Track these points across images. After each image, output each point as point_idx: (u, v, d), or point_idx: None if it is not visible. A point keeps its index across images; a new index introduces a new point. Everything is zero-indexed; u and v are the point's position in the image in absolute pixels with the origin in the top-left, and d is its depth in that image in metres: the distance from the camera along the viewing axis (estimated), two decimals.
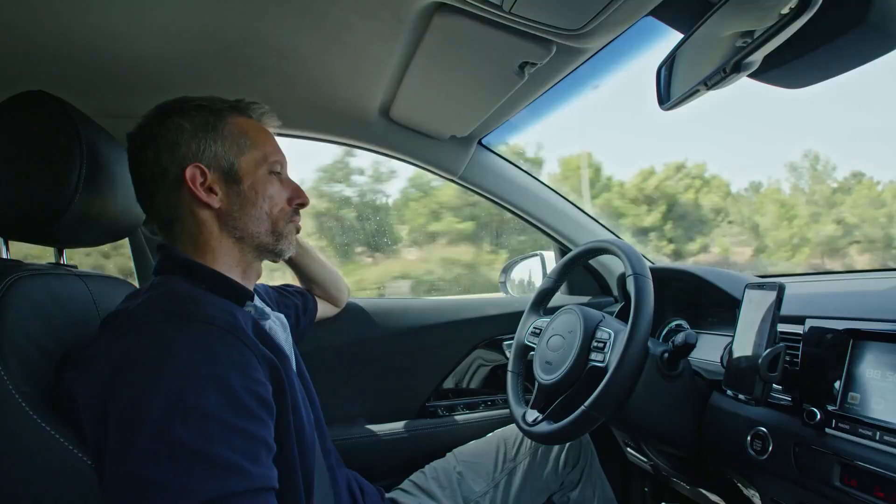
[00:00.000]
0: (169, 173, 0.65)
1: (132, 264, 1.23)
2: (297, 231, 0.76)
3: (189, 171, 0.64)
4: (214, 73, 0.96)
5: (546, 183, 1.37)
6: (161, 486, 0.46)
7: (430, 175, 1.31)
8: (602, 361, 0.82)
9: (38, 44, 0.81)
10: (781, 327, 0.75)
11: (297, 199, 0.74)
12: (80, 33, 0.79)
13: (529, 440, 1.06)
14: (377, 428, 1.20)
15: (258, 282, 0.89)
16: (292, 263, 1.04)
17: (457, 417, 1.27)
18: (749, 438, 0.75)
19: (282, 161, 0.73)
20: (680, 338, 0.80)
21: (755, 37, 0.55)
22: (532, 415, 0.91)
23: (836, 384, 0.67)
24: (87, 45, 0.82)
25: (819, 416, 0.65)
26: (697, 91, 0.65)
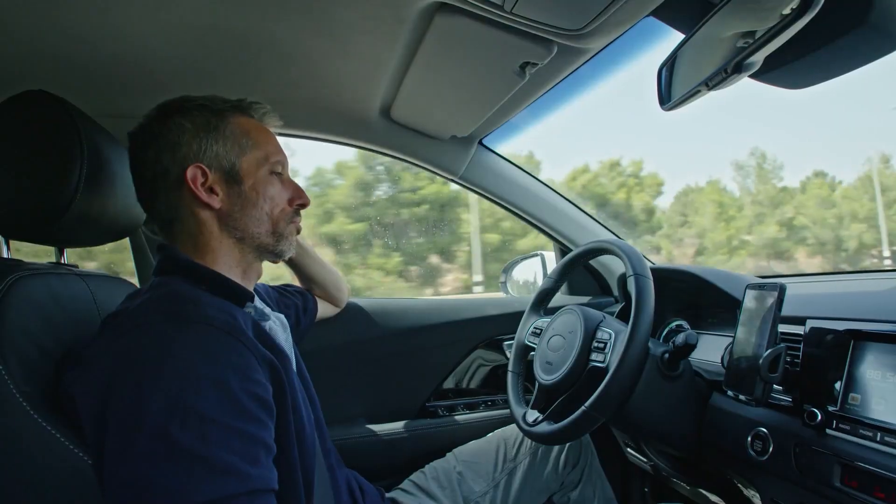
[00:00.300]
0: (170, 173, 0.65)
1: (132, 264, 1.23)
2: (298, 232, 0.75)
3: (190, 172, 0.64)
4: (215, 72, 0.96)
5: (547, 183, 1.37)
6: (159, 487, 0.46)
7: (331, 174, 1.32)
8: (602, 362, 0.82)
9: (38, 44, 0.81)
10: (782, 328, 0.74)
11: (297, 199, 0.73)
12: (81, 33, 0.79)
13: (530, 440, 1.06)
14: (377, 428, 1.20)
15: (258, 281, 0.89)
16: (292, 263, 1.04)
17: (457, 417, 1.27)
18: (749, 439, 0.75)
19: (283, 161, 0.72)
20: (680, 338, 0.80)
21: (756, 37, 0.55)
22: (532, 415, 0.91)
23: (837, 385, 0.67)
24: (88, 44, 0.82)
25: (820, 417, 0.65)
26: (699, 91, 0.65)
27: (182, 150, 0.65)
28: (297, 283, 1.10)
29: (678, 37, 0.71)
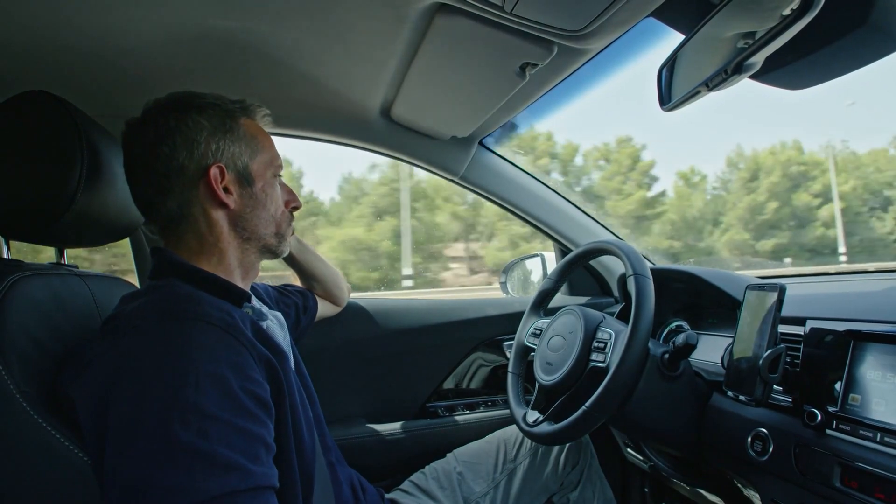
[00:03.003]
0: (186, 171, 0.64)
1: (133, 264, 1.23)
2: (292, 232, 0.77)
3: (213, 171, 0.64)
4: (215, 72, 0.96)
5: (547, 183, 1.37)
6: (161, 486, 0.46)
7: None
8: (603, 362, 0.82)
9: (38, 44, 0.81)
10: (782, 328, 0.74)
11: (293, 202, 0.76)
12: (81, 33, 0.79)
13: (530, 441, 1.06)
14: (377, 428, 1.20)
15: (259, 281, 0.89)
16: (294, 261, 1.04)
17: (457, 418, 1.27)
18: (749, 439, 0.75)
19: (282, 165, 0.74)
20: (680, 339, 0.80)
21: (757, 38, 0.55)
22: (533, 415, 0.91)
23: (837, 385, 0.67)
24: (88, 44, 0.82)
25: (820, 418, 0.65)
26: (699, 92, 0.66)
27: (201, 148, 0.64)
28: (297, 282, 1.10)
29: (678, 37, 0.71)
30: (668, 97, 0.73)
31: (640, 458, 1.12)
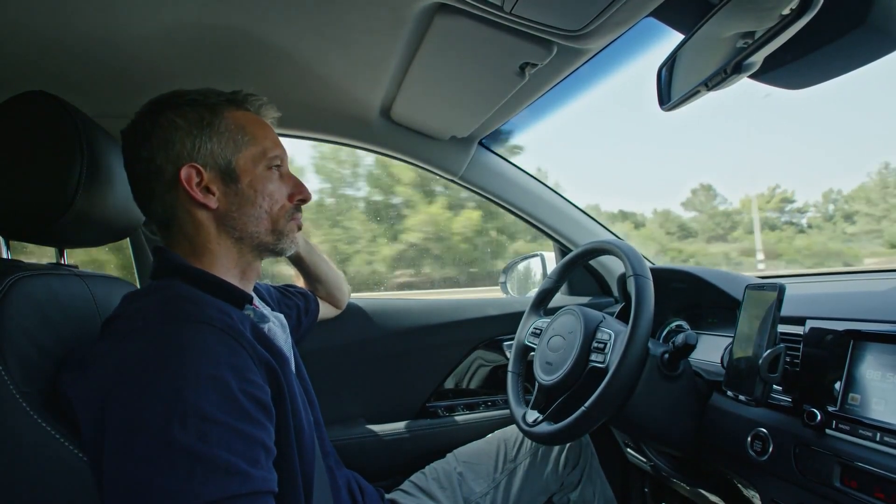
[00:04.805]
0: (164, 172, 0.63)
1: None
2: (299, 228, 0.73)
3: (184, 172, 0.63)
4: (215, 72, 0.96)
5: (546, 183, 1.37)
6: (161, 490, 0.46)
7: None
8: (602, 362, 0.82)
9: (38, 44, 0.81)
10: (782, 328, 0.74)
11: (298, 195, 0.71)
12: (81, 33, 0.79)
13: (530, 441, 1.06)
14: (377, 428, 1.20)
15: (260, 282, 0.89)
16: (300, 262, 1.02)
17: (457, 418, 1.27)
18: (749, 439, 0.75)
19: (282, 155, 0.70)
20: (680, 338, 0.80)
21: (756, 38, 0.55)
22: (532, 415, 0.91)
23: (837, 385, 0.67)
24: (88, 45, 0.82)
25: (819, 417, 0.65)
26: (698, 92, 0.66)
27: (175, 149, 0.63)
28: (300, 283, 1.10)
29: (678, 37, 0.71)
30: (667, 97, 0.73)
31: (641, 458, 1.12)
